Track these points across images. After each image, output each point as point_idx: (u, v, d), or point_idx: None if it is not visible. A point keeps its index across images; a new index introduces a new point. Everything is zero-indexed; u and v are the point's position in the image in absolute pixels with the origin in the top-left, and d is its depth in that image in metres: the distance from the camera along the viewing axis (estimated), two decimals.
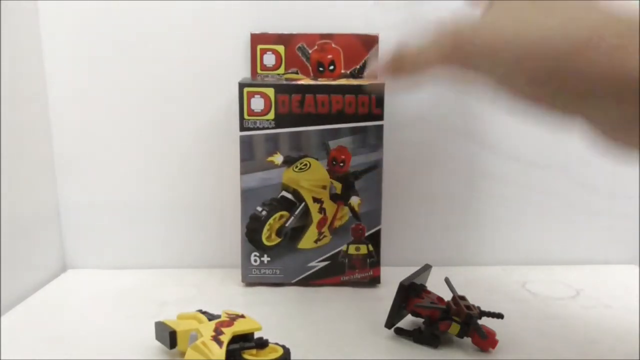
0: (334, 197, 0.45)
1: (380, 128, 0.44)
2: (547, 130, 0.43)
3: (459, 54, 0.29)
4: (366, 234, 0.46)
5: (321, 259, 0.46)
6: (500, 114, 0.50)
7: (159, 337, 0.36)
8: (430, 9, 0.49)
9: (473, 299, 0.37)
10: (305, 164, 0.44)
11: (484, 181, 0.51)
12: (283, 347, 0.33)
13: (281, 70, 0.48)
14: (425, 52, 0.30)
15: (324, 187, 0.45)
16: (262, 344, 0.33)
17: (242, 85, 0.43)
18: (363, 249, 0.46)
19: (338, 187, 0.45)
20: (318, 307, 0.42)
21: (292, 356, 0.34)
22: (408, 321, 0.38)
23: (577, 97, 0.25)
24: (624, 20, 0.25)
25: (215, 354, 0.31)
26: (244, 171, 0.44)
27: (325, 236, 0.46)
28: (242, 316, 0.34)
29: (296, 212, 0.45)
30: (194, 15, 0.48)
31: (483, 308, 0.37)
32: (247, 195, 0.45)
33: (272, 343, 0.33)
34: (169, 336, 0.34)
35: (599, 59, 0.24)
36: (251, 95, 0.43)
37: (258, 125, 0.44)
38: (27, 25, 0.47)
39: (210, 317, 0.35)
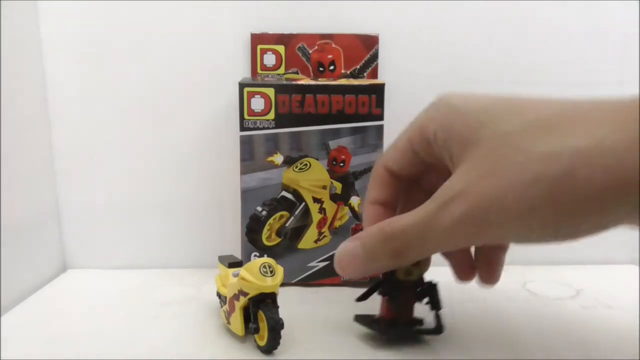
0: (334, 197, 0.45)
1: (380, 128, 0.44)
2: None
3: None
4: None
5: (321, 259, 0.46)
6: None
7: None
8: (429, 9, 0.49)
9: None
10: (305, 164, 0.44)
11: None
12: None
13: (281, 70, 0.48)
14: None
15: (324, 187, 0.45)
16: None
17: (242, 85, 0.43)
18: None
19: (338, 187, 0.45)
20: (318, 307, 0.42)
21: (291, 356, 0.34)
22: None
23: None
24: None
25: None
26: (244, 171, 0.44)
27: (325, 236, 0.46)
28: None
29: (296, 212, 0.45)
30: (194, 15, 0.48)
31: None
32: (247, 195, 0.45)
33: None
34: None
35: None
36: (251, 95, 0.43)
37: (258, 125, 0.44)
38: (27, 25, 0.47)
39: None
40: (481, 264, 0.35)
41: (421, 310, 0.36)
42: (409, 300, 0.36)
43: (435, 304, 0.36)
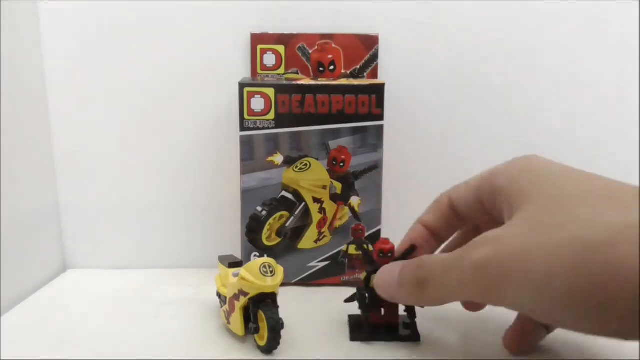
0: (334, 197, 0.45)
1: (380, 128, 0.44)
2: None
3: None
4: (366, 234, 0.46)
5: (321, 259, 0.46)
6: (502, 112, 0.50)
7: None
8: (429, 9, 0.49)
9: None
10: (305, 164, 0.44)
11: None
12: None
13: (281, 70, 0.48)
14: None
15: (324, 187, 0.45)
16: None
17: (242, 85, 0.43)
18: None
19: (338, 187, 0.45)
20: (318, 307, 0.42)
21: (291, 356, 0.34)
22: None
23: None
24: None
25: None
26: (244, 171, 0.44)
27: (325, 236, 0.46)
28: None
29: (296, 212, 0.45)
30: (194, 15, 0.48)
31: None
32: (247, 195, 0.45)
33: None
34: None
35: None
36: (251, 95, 0.43)
37: (258, 125, 0.44)
38: (27, 25, 0.47)
39: None
40: (516, 328, 0.35)
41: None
42: (390, 307, 0.37)
43: (410, 313, 0.37)
